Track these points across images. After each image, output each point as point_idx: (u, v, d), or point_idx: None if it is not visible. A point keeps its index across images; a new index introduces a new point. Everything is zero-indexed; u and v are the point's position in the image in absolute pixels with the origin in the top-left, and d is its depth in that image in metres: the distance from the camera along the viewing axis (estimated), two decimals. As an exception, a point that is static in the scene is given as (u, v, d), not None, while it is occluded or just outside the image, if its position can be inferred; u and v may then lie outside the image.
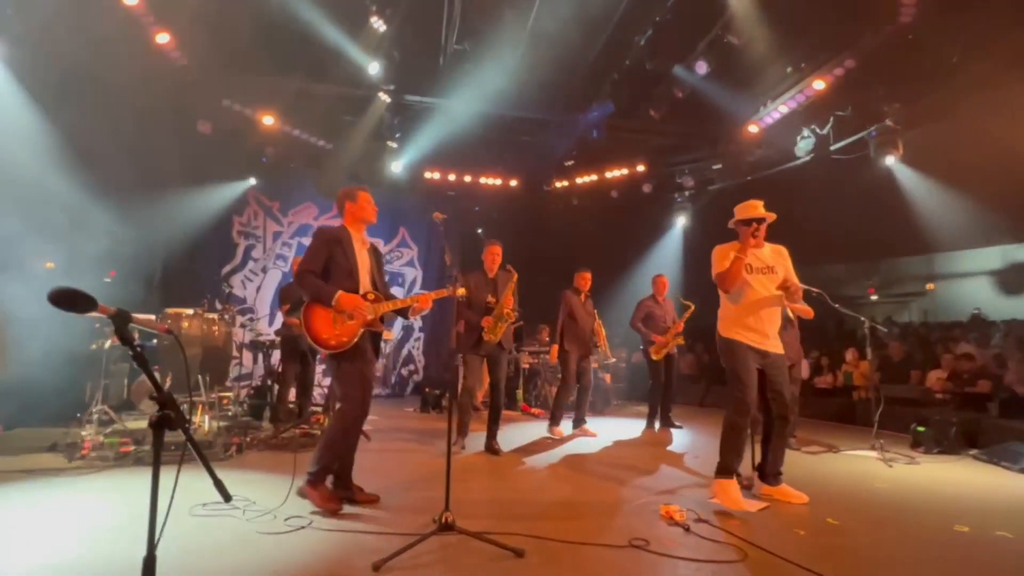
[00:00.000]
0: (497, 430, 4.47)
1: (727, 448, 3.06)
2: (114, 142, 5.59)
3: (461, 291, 3.26)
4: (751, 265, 3.13)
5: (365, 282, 2.98)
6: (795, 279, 3.21)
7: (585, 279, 5.64)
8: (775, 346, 3.14)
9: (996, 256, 9.01)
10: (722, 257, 3.16)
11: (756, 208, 3.19)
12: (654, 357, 5.81)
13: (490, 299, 4.34)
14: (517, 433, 5.58)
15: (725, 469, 3.04)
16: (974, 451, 4.65)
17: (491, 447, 4.39)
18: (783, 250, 3.30)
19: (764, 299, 3.10)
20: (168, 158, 6.77)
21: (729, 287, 3.11)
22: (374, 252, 3.14)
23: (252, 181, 8.37)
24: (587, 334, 5.51)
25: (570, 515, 2.86)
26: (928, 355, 7.13)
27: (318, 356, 6.50)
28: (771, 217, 3.20)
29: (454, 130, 8.54)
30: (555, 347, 5.65)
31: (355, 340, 2.84)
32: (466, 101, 7.55)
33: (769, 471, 3.21)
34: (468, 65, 7.05)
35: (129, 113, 5.86)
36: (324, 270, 2.90)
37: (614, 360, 8.20)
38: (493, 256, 4.50)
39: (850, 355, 7.45)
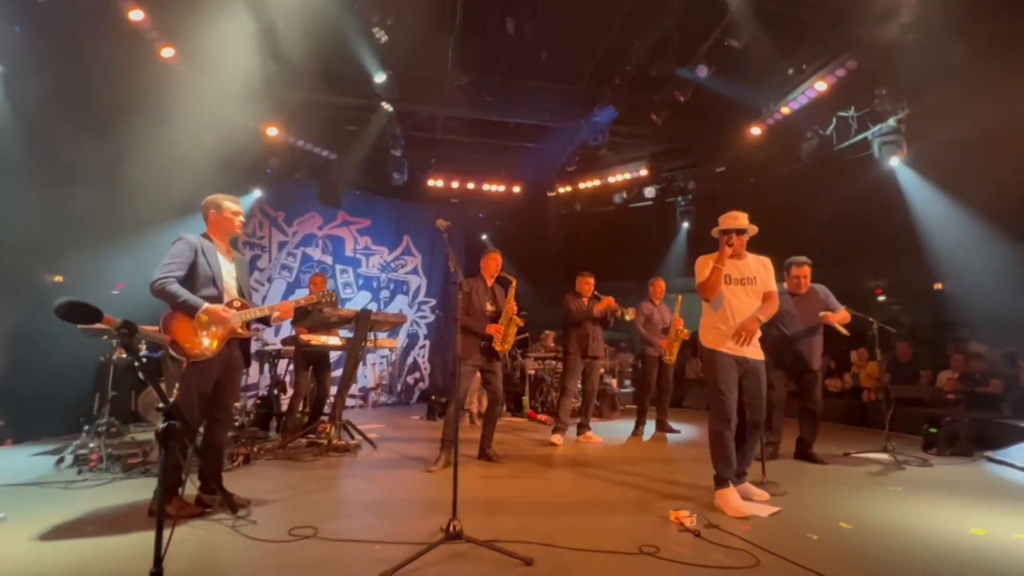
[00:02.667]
0: (491, 438, 4.38)
1: (716, 458, 3.11)
2: (120, 155, 5.65)
3: (327, 295, 3.57)
4: (730, 276, 3.21)
5: (231, 290, 3.00)
6: (774, 287, 3.26)
7: (588, 284, 5.53)
8: (753, 353, 3.18)
9: (1005, 254, 8.93)
10: (703, 267, 3.26)
11: (736, 219, 3.24)
12: (667, 360, 5.83)
13: (489, 306, 4.27)
14: (523, 440, 5.56)
15: (720, 479, 3.09)
16: (988, 452, 4.59)
17: (487, 455, 4.32)
18: (767, 262, 3.32)
19: (740, 310, 3.16)
20: (173, 171, 6.83)
21: (709, 296, 3.20)
22: (240, 260, 3.16)
23: (257, 194, 8.43)
24: (590, 339, 5.42)
25: (579, 522, 2.84)
26: (938, 355, 7.06)
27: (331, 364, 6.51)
28: (752, 230, 3.25)
29: (457, 137, 8.60)
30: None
31: (219, 349, 2.85)
32: (468, 108, 7.60)
33: (737, 470, 3.23)
34: (470, 72, 7.10)
35: (135, 127, 5.92)
36: (186, 277, 2.86)
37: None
38: (494, 263, 4.41)
39: (856, 356, 7.39)
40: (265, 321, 3.20)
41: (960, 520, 2.87)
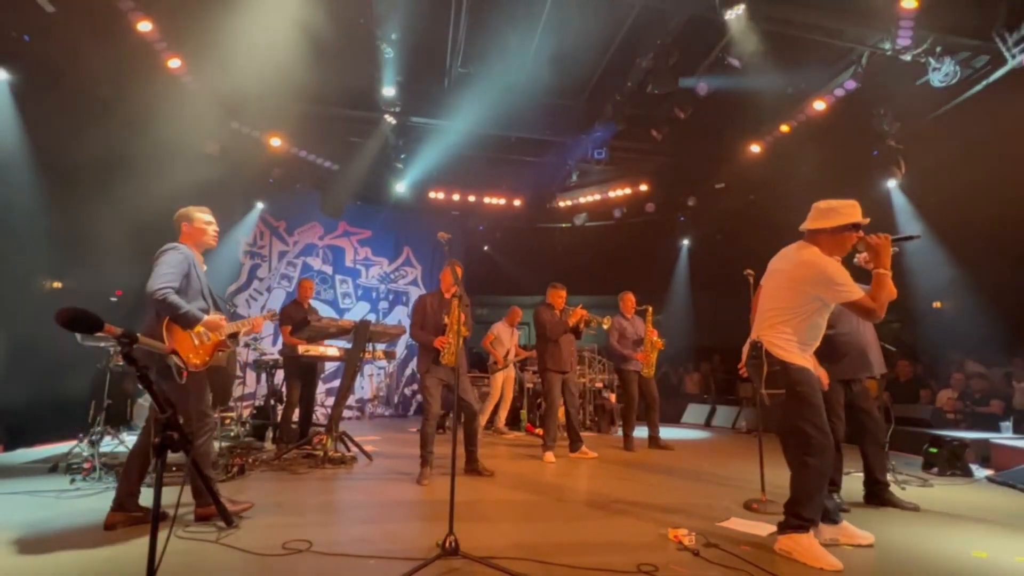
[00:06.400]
0: (476, 452, 4.34)
1: (807, 497, 2.50)
2: (123, 163, 5.68)
3: (270, 316, 3.81)
4: None
5: (211, 303, 3.05)
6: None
7: (560, 296, 5.40)
8: (818, 368, 2.73)
9: (1003, 273, 8.94)
10: (841, 272, 2.51)
11: (859, 210, 2.61)
12: (645, 373, 5.85)
13: (446, 320, 4.16)
14: (520, 455, 5.51)
15: (805, 523, 2.50)
16: (989, 473, 4.56)
17: (475, 469, 4.27)
18: None
19: (825, 320, 2.67)
20: (177, 179, 6.87)
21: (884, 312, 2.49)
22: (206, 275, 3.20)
23: (260, 205, 8.47)
24: (567, 353, 5.32)
25: (575, 539, 2.81)
26: (937, 374, 7.05)
27: (322, 375, 6.48)
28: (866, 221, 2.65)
29: (458, 151, 8.67)
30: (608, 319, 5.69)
31: (211, 357, 2.95)
32: (470, 122, 7.67)
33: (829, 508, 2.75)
34: (472, 87, 7.18)
35: (139, 135, 5.97)
36: (180, 289, 2.86)
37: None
38: (449, 277, 4.23)
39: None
40: (234, 336, 3.20)
41: (961, 542, 2.84)
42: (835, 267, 2.53)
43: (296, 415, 5.47)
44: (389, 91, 6.60)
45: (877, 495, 3.58)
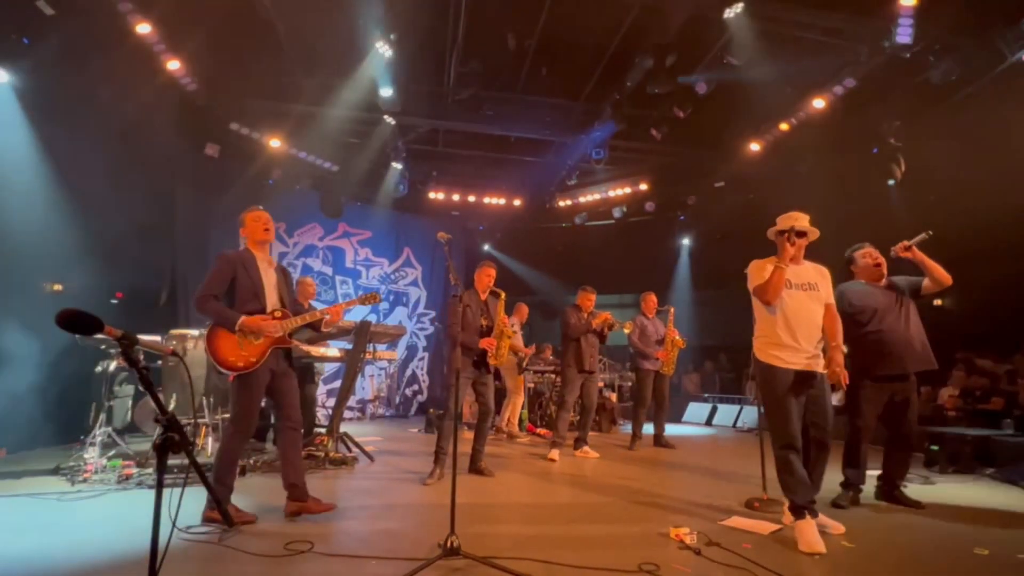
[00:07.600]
0: (482, 452, 4.37)
1: (784, 484, 2.81)
2: (123, 165, 5.68)
3: (375, 299, 3.49)
4: (790, 281, 2.94)
5: (272, 301, 3.10)
6: (832, 299, 3.02)
7: (589, 300, 5.50)
8: (817, 365, 2.90)
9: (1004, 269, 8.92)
10: (759, 270, 2.99)
11: (796, 219, 2.99)
12: (665, 371, 5.92)
13: (483, 321, 4.26)
14: (521, 454, 5.51)
15: (795, 508, 2.76)
16: (990, 470, 4.55)
17: (478, 468, 4.29)
18: (825, 270, 3.07)
19: (802, 317, 2.89)
20: (176, 181, 6.88)
21: (771, 299, 2.89)
22: (281, 272, 3.26)
23: (259, 205, 8.46)
24: (588, 354, 5.37)
25: (577, 538, 2.80)
26: (939, 371, 7.03)
27: (323, 376, 6.47)
28: (813, 233, 3.01)
29: (458, 151, 8.67)
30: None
31: (264, 359, 2.95)
32: (469, 122, 7.67)
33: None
34: (470, 87, 7.18)
35: (139, 137, 5.97)
36: (229, 292, 3.00)
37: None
38: (488, 278, 4.35)
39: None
40: (315, 327, 3.26)
41: (963, 539, 2.83)
42: (753, 265, 3.06)
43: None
44: (388, 91, 6.60)
45: (888, 493, 3.63)
